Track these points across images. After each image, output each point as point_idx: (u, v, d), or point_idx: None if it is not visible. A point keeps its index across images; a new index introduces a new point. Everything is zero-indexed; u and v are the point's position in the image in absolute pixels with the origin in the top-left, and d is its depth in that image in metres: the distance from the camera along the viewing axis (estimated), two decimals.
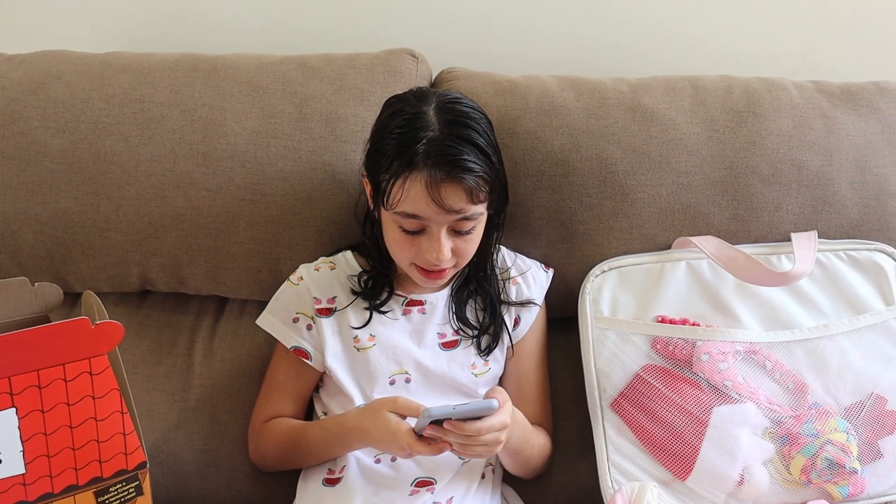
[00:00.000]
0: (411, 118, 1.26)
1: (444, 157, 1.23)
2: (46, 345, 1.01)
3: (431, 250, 1.27)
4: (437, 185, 1.22)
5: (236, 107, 1.49)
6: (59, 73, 1.52)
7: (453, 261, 1.31)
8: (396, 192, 1.25)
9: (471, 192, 1.24)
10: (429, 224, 1.26)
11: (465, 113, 1.29)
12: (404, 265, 1.34)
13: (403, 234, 1.29)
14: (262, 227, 1.48)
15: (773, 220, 1.49)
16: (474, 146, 1.25)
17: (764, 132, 1.49)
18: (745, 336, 1.41)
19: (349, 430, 1.30)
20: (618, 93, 1.52)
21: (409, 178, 1.23)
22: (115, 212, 1.48)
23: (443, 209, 1.23)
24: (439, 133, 1.24)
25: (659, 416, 1.36)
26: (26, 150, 1.48)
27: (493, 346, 1.41)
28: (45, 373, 1.03)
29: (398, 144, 1.25)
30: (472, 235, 1.30)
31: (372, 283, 1.40)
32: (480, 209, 1.28)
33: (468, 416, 1.17)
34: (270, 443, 1.40)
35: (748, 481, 1.33)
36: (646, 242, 1.49)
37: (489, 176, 1.26)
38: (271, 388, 1.43)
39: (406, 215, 1.26)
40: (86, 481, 1.10)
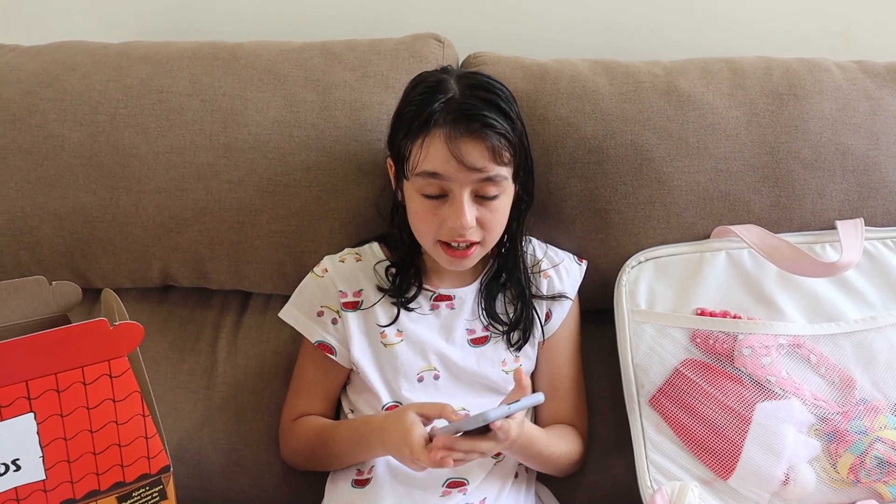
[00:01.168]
0: (432, 85, 1.26)
1: (464, 112, 1.21)
2: (64, 347, 0.99)
3: (454, 216, 1.23)
4: (456, 140, 1.20)
5: (257, 96, 1.46)
6: (75, 64, 1.50)
7: (479, 234, 1.27)
8: (416, 154, 1.23)
9: (493, 149, 1.21)
10: (450, 186, 1.23)
11: (486, 80, 1.28)
12: (429, 244, 1.30)
13: (426, 202, 1.26)
14: (285, 220, 1.45)
15: (816, 208, 1.46)
16: (495, 107, 1.24)
17: (806, 115, 1.45)
18: (789, 329, 1.37)
19: (373, 429, 1.27)
20: (652, 76, 1.48)
21: (429, 136, 1.22)
22: (135, 206, 1.46)
23: (464, 166, 1.20)
24: (459, 95, 1.24)
25: (699, 413, 1.33)
26: (43, 144, 1.46)
27: (523, 341, 1.37)
28: (64, 376, 1.00)
29: (418, 108, 1.24)
30: (497, 204, 1.27)
31: (400, 277, 1.36)
32: (504, 172, 1.25)
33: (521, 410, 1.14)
34: (299, 441, 1.37)
35: (794, 481, 1.29)
36: (683, 232, 1.45)
37: (511, 137, 1.24)
38: (300, 386, 1.41)
39: (427, 175, 1.23)
40: (108, 486, 1.08)
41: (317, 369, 1.38)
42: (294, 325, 1.38)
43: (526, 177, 1.33)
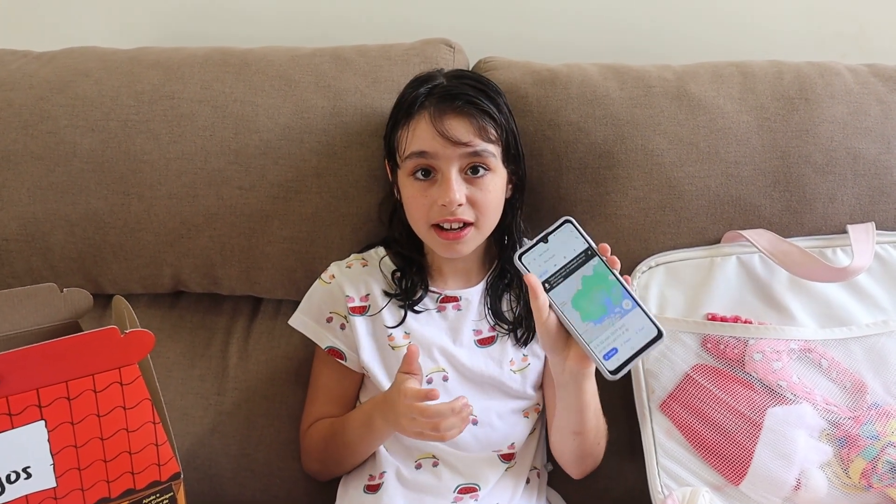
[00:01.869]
0: (422, 78, 1.32)
1: (448, 92, 1.27)
2: (75, 355, 0.98)
3: (443, 193, 1.25)
4: (440, 117, 1.24)
5: (268, 102, 1.46)
6: (87, 70, 1.50)
7: (471, 213, 1.27)
8: (403, 138, 1.28)
9: (478, 125, 1.25)
10: (439, 164, 1.26)
11: (474, 73, 1.36)
12: (423, 230, 1.31)
13: (417, 185, 1.28)
14: (296, 226, 1.45)
15: (827, 212, 1.44)
16: (479, 89, 1.29)
17: (817, 119, 1.44)
18: (800, 334, 1.36)
19: (375, 403, 1.28)
20: (663, 80, 1.48)
21: (414, 119, 1.27)
22: (147, 212, 1.46)
23: (449, 141, 1.24)
24: (444, 82, 1.30)
25: (710, 418, 1.32)
26: (55, 150, 1.46)
27: (529, 336, 1.36)
28: (74, 384, 1.00)
29: (403, 100, 1.31)
30: (486, 182, 1.28)
31: (405, 280, 1.37)
32: (492, 149, 1.27)
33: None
34: (313, 442, 1.38)
35: (805, 486, 1.29)
36: (694, 237, 1.44)
37: (496, 116, 1.28)
38: (315, 393, 1.41)
39: (415, 155, 1.26)
40: (118, 494, 1.07)
41: (330, 375, 1.39)
42: (304, 332, 1.38)
43: (517, 165, 1.34)
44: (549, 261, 1.11)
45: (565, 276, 1.10)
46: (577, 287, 1.09)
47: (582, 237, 1.10)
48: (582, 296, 1.09)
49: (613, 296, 1.09)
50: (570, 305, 1.09)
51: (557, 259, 1.10)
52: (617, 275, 1.09)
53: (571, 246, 1.10)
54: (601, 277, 1.09)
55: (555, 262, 1.10)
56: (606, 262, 1.10)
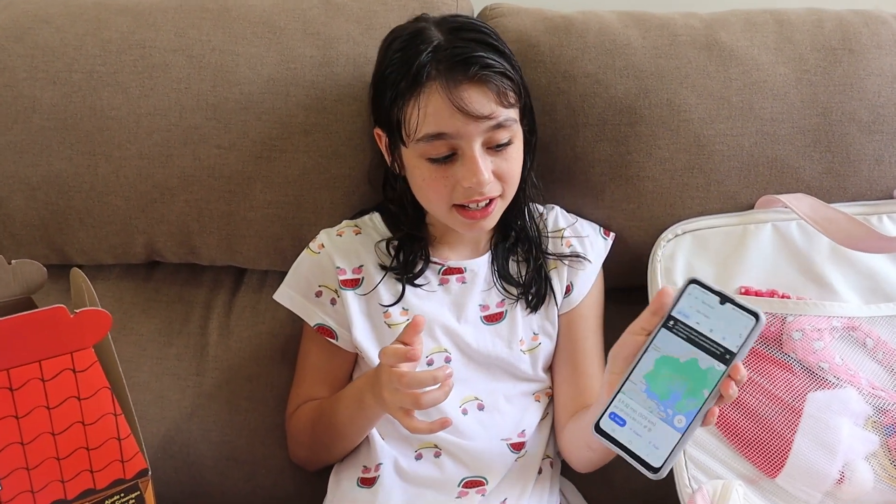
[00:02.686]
0: (409, 37, 1.18)
1: (457, 57, 1.13)
2: (16, 339, 0.89)
3: (469, 174, 1.14)
4: (456, 89, 1.12)
5: (250, 51, 1.38)
6: (47, 16, 1.42)
7: (498, 187, 1.19)
8: (412, 116, 1.15)
9: (497, 91, 1.14)
10: (459, 143, 1.15)
11: (468, 20, 1.21)
12: (443, 212, 1.21)
13: (433, 167, 1.17)
14: (281, 189, 1.39)
15: (873, 175, 1.39)
16: (488, 45, 1.16)
17: (862, 72, 1.37)
18: (843, 310, 1.29)
19: (367, 378, 1.18)
20: (690, 29, 1.40)
21: (424, 93, 1.13)
22: (115, 173, 1.39)
23: (470, 116, 1.12)
24: (445, 41, 1.15)
25: (744, 404, 1.25)
26: (13, 105, 1.38)
27: (538, 299, 1.29)
28: (17, 372, 0.90)
29: (401, 65, 1.16)
30: (510, 152, 1.19)
31: (404, 252, 1.28)
32: (513, 114, 1.17)
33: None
34: (300, 424, 1.30)
35: (849, 479, 1.21)
36: (725, 202, 1.38)
37: (513, 75, 1.16)
38: (303, 373, 1.33)
39: (431, 137, 1.14)
40: (76, 495, 0.98)
41: (320, 354, 1.31)
42: (290, 308, 1.30)
43: (529, 114, 1.25)
44: (700, 314, 0.94)
45: (688, 340, 0.94)
46: (681, 356, 0.94)
47: (744, 340, 0.92)
48: (672, 364, 0.94)
49: (683, 401, 0.93)
50: (653, 357, 0.95)
51: (705, 324, 0.93)
52: (710, 395, 0.92)
53: (729, 332, 0.93)
54: (701, 379, 0.92)
55: (700, 321, 0.94)
56: (723, 379, 0.92)
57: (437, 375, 1.04)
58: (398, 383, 1.05)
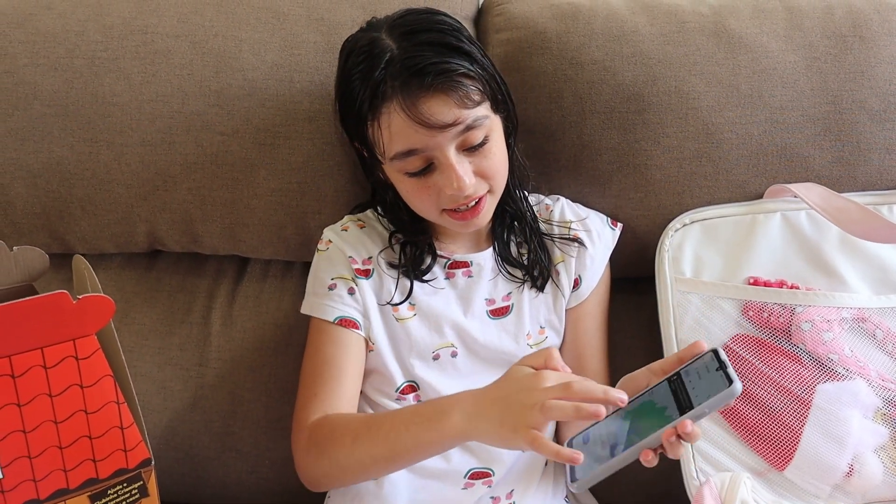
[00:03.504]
0: (367, 48, 1.13)
1: (409, 69, 1.09)
2: (19, 325, 0.87)
3: (448, 182, 1.12)
4: (415, 103, 1.08)
5: (254, 37, 1.37)
6: (49, 2, 1.41)
7: (483, 186, 1.16)
8: (379, 137, 1.13)
9: (457, 95, 1.10)
10: (432, 154, 1.12)
11: (418, 20, 1.15)
12: (434, 217, 1.20)
13: (414, 180, 1.15)
14: (285, 176, 1.37)
15: (884, 164, 1.37)
16: (439, 45, 1.11)
17: (873, 60, 1.35)
18: (853, 301, 1.28)
19: (456, 398, 1.07)
20: (698, 16, 1.38)
21: (384, 111, 1.11)
22: (117, 161, 1.38)
23: (435, 128, 1.09)
24: (397, 50, 1.11)
25: (752, 396, 1.24)
26: (14, 92, 1.38)
27: (543, 279, 1.28)
28: (19, 359, 0.89)
29: (360, 84, 1.13)
30: (489, 148, 1.15)
31: (410, 249, 1.26)
32: (482, 112, 1.13)
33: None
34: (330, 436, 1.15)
35: (858, 472, 1.21)
36: (734, 191, 1.37)
37: (471, 71, 1.12)
38: (316, 373, 1.23)
39: (403, 155, 1.12)
40: (78, 484, 0.97)
41: (334, 347, 1.22)
42: (311, 314, 1.24)
43: (506, 105, 1.21)
44: (696, 374, 0.98)
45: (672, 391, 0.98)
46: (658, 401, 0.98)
47: (706, 400, 0.94)
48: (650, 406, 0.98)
49: (632, 437, 0.96)
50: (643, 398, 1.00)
51: (694, 382, 0.97)
52: (650, 436, 0.94)
53: (703, 391, 0.95)
54: (658, 423, 0.95)
55: (693, 380, 0.97)
56: (667, 427, 0.94)
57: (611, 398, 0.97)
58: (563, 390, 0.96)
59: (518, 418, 0.96)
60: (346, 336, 1.22)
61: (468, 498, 1.20)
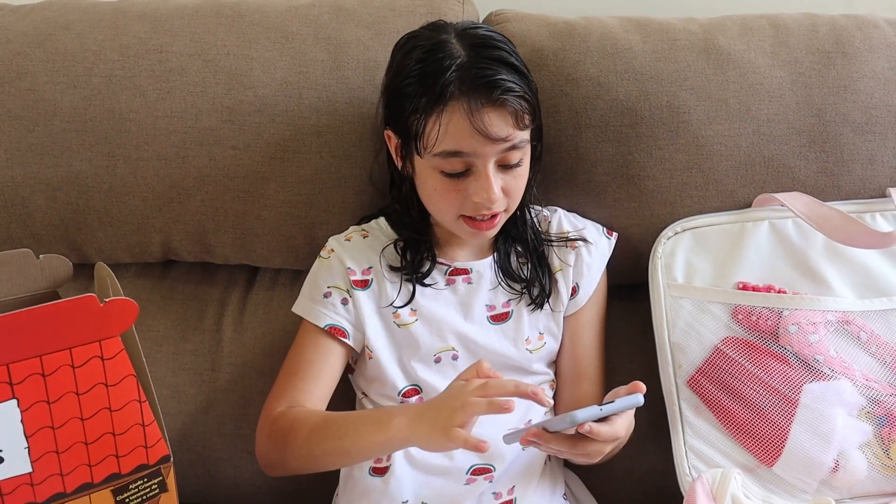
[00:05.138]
0: (431, 49, 1.18)
1: (481, 79, 1.14)
2: (49, 327, 0.91)
3: (481, 191, 1.17)
4: (479, 111, 1.13)
5: (264, 55, 1.40)
6: (67, 23, 1.44)
7: (504, 203, 1.21)
8: (432, 131, 1.16)
9: (515, 115, 1.15)
10: (474, 161, 1.17)
11: (489, 35, 1.20)
12: (450, 220, 1.23)
13: (446, 179, 1.19)
14: (294, 189, 1.40)
15: (866, 174, 1.39)
16: (509, 65, 1.17)
17: (856, 75, 1.38)
18: (838, 304, 1.30)
19: (403, 407, 1.19)
20: (688, 34, 1.41)
21: (446, 110, 1.14)
22: (133, 174, 1.40)
23: (489, 139, 1.14)
24: (468, 58, 1.15)
25: (742, 395, 1.27)
26: (34, 109, 1.40)
27: (543, 296, 1.30)
28: (49, 358, 0.93)
29: (423, 78, 1.16)
30: (520, 170, 1.21)
31: (411, 253, 1.29)
32: (526, 136, 1.19)
33: (612, 414, 1.08)
34: (287, 427, 1.21)
35: (843, 468, 1.24)
36: (723, 200, 1.39)
37: (530, 97, 1.18)
38: (295, 369, 1.29)
39: (448, 154, 1.16)
40: (102, 479, 1.00)
41: (316, 350, 1.28)
42: (303, 315, 1.29)
43: (538, 131, 1.27)
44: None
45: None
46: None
47: (610, 402, 1.08)
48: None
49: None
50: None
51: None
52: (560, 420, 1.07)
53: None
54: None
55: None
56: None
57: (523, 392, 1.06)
58: (480, 389, 1.05)
59: (447, 420, 1.03)
60: (330, 343, 1.27)
61: (471, 493, 1.22)
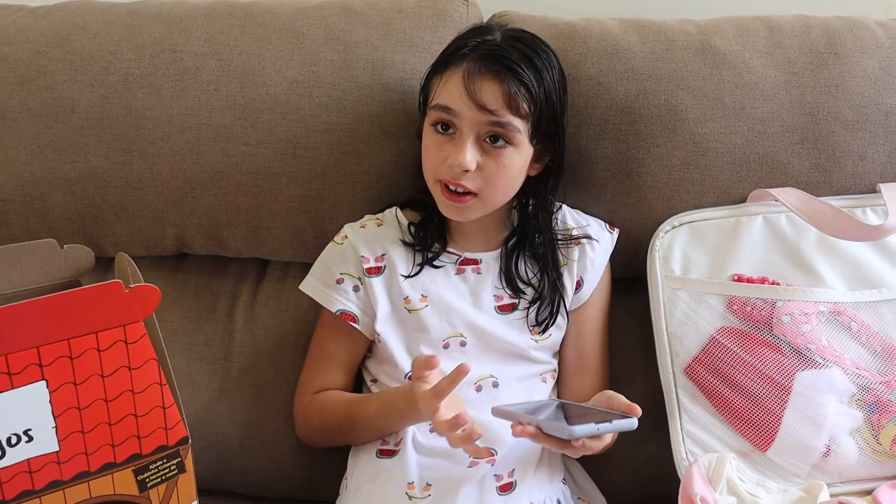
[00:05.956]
0: (478, 30, 1.30)
1: (490, 52, 1.23)
2: (77, 311, 0.95)
3: (455, 152, 1.23)
4: (473, 77, 1.21)
5: (275, 55, 1.44)
6: (85, 23, 1.48)
7: (477, 182, 1.25)
8: (435, 85, 1.27)
9: (509, 95, 1.21)
10: (459, 123, 1.23)
11: (528, 36, 1.29)
12: (431, 181, 1.29)
13: (435, 136, 1.26)
14: (305, 184, 1.43)
15: (857, 170, 1.42)
16: (527, 58, 1.24)
17: (847, 75, 1.41)
18: (829, 296, 1.33)
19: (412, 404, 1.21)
20: (686, 34, 1.45)
21: (450, 70, 1.24)
22: (149, 170, 1.44)
23: (475, 103, 1.20)
24: (497, 38, 1.26)
25: (737, 383, 1.30)
26: (53, 106, 1.45)
27: (549, 320, 1.34)
28: (77, 342, 0.96)
29: (451, 46, 1.28)
30: (504, 157, 1.24)
31: (424, 232, 1.35)
32: (517, 123, 1.23)
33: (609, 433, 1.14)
34: (322, 415, 1.34)
35: (834, 452, 1.27)
36: (719, 195, 1.42)
37: (534, 90, 1.23)
38: (319, 359, 1.37)
39: (439, 108, 1.24)
40: (124, 458, 1.04)
41: (337, 340, 1.36)
42: (313, 296, 1.35)
43: (552, 143, 1.30)
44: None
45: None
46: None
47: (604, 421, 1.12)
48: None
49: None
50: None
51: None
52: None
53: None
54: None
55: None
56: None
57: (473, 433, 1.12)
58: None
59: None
60: (344, 327, 1.33)
61: (473, 475, 1.24)
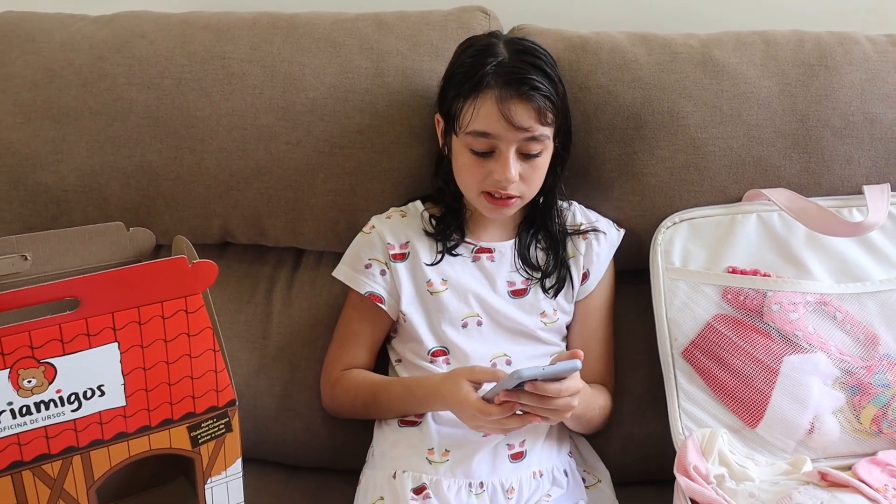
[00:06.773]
0: (482, 49, 1.35)
1: (513, 76, 1.29)
2: (146, 282, 1.04)
3: (501, 170, 1.31)
4: (506, 101, 1.28)
5: (314, 62, 1.51)
6: (142, 32, 1.56)
7: (520, 188, 1.34)
8: (467, 113, 1.31)
9: (539, 111, 1.29)
10: (498, 143, 1.31)
11: (532, 46, 1.36)
12: (473, 194, 1.37)
13: (473, 157, 1.33)
14: (340, 179, 1.51)
15: (844, 174, 1.48)
16: (541, 70, 1.32)
17: (836, 85, 1.48)
18: (816, 287, 1.40)
19: (431, 393, 1.33)
20: (688, 47, 1.51)
21: (480, 96, 1.30)
22: (198, 165, 1.52)
23: (512, 125, 1.28)
24: (508, 59, 1.32)
25: (730, 365, 1.37)
26: (113, 106, 1.52)
27: (557, 287, 1.43)
28: (145, 309, 1.05)
29: (469, 69, 1.33)
30: (538, 162, 1.34)
31: (443, 224, 1.43)
32: (547, 132, 1.32)
33: (553, 377, 1.20)
34: (349, 394, 1.43)
35: (818, 430, 1.33)
36: (717, 195, 1.48)
37: (555, 99, 1.32)
38: (346, 337, 1.46)
39: (477, 134, 1.31)
40: (180, 416, 1.13)
41: (362, 320, 1.44)
42: (344, 280, 1.43)
43: (565, 135, 1.39)
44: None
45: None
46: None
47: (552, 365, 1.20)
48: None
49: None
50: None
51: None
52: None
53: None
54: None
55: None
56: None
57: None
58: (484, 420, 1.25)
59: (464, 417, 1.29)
60: (371, 308, 1.42)
61: (488, 443, 1.32)
